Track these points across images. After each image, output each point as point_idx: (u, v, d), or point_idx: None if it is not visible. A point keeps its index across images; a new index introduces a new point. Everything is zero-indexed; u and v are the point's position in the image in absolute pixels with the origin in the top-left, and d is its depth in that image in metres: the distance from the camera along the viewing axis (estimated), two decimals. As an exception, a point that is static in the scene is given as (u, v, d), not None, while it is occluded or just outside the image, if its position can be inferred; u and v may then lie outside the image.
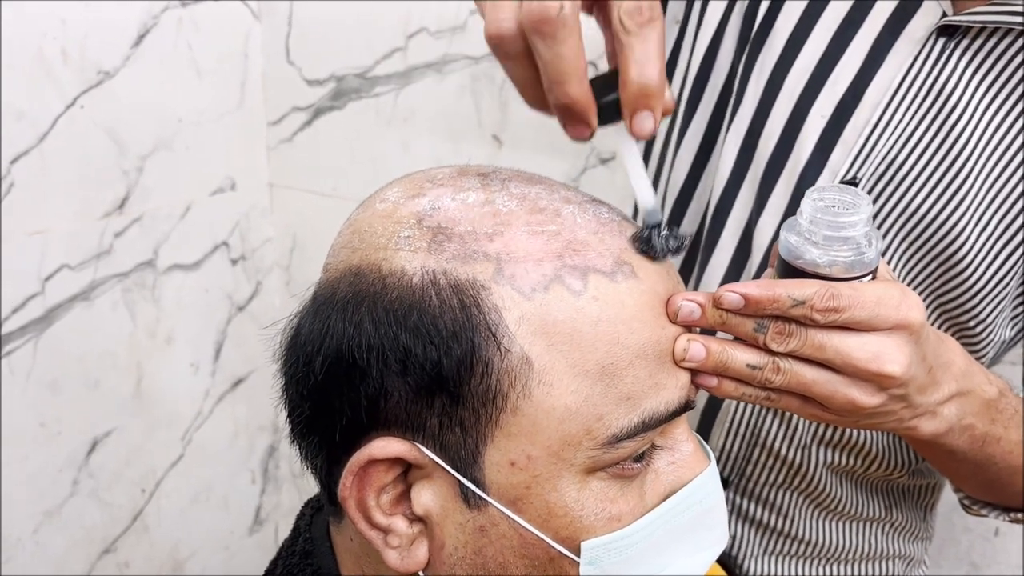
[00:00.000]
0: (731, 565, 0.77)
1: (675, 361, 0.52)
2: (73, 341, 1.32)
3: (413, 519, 0.53)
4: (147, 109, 1.35)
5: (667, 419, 0.52)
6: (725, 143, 0.79)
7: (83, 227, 1.31)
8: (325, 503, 0.60)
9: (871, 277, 0.53)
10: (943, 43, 0.70)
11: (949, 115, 0.70)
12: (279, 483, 1.73)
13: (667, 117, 0.53)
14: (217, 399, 1.58)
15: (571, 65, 0.49)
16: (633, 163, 0.54)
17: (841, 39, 0.74)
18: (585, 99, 0.50)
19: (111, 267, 1.36)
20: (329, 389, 0.51)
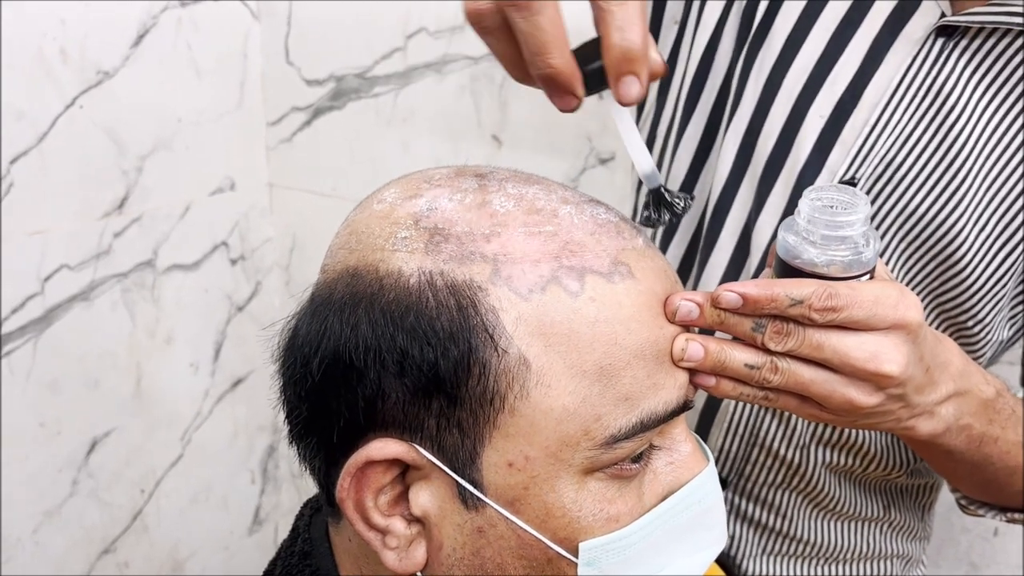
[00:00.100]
0: (730, 565, 0.77)
1: (673, 361, 0.52)
2: (73, 341, 1.32)
3: (411, 520, 0.53)
4: (146, 109, 1.35)
5: (665, 419, 0.52)
6: (724, 143, 0.79)
7: (82, 227, 1.31)
8: (324, 504, 0.60)
9: (869, 277, 0.53)
10: (942, 43, 0.70)
11: (948, 115, 0.70)
12: (279, 483, 1.73)
13: (656, 80, 0.52)
14: (217, 399, 1.58)
15: (550, 35, 0.48)
16: (627, 130, 0.53)
17: (840, 39, 0.74)
18: (568, 68, 0.49)
19: (110, 267, 1.36)
20: (326, 390, 0.51)
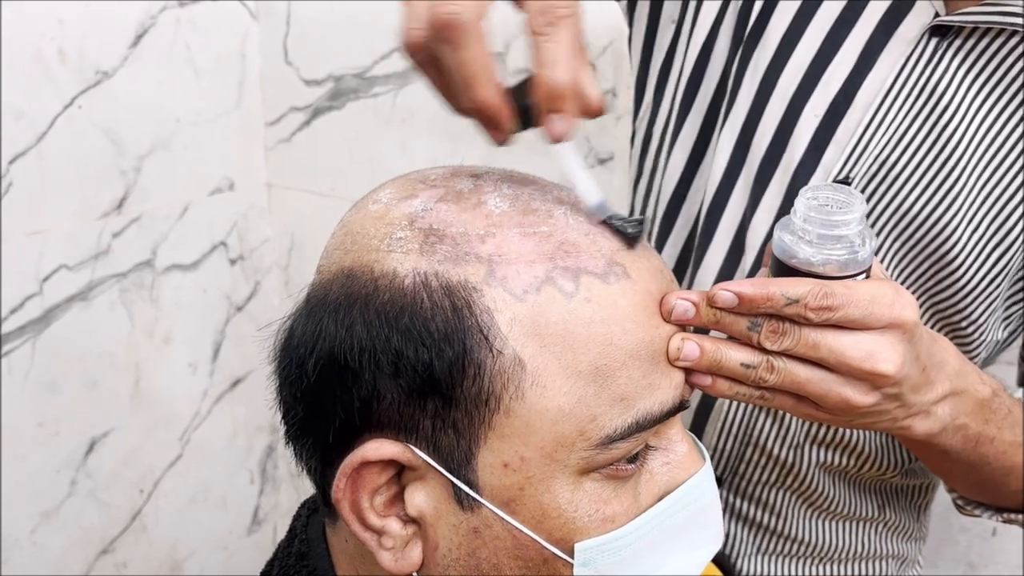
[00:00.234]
0: (725, 564, 0.77)
1: (669, 360, 0.52)
2: (71, 341, 1.32)
3: (407, 520, 0.52)
4: (145, 109, 1.36)
5: (661, 419, 0.52)
6: (719, 143, 0.79)
7: (81, 227, 1.31)
8: (320, 504, 0.60)
9: (865, 276, 0.53)
10: (936, 43, 0.70)
11: (942, 115, 0.71)
12: (277, 483, 1.73)
13: (593, 118, 0.51)
14: (215, 399, 1.58)
15: (475, 69, 0.48)
16: (568, 164, 0.52)
17: (834, 39, 0.74)
18: (494, 102, 0.49)
19: (109, 267, 1.36)
20: (322, 391, 0.51)
